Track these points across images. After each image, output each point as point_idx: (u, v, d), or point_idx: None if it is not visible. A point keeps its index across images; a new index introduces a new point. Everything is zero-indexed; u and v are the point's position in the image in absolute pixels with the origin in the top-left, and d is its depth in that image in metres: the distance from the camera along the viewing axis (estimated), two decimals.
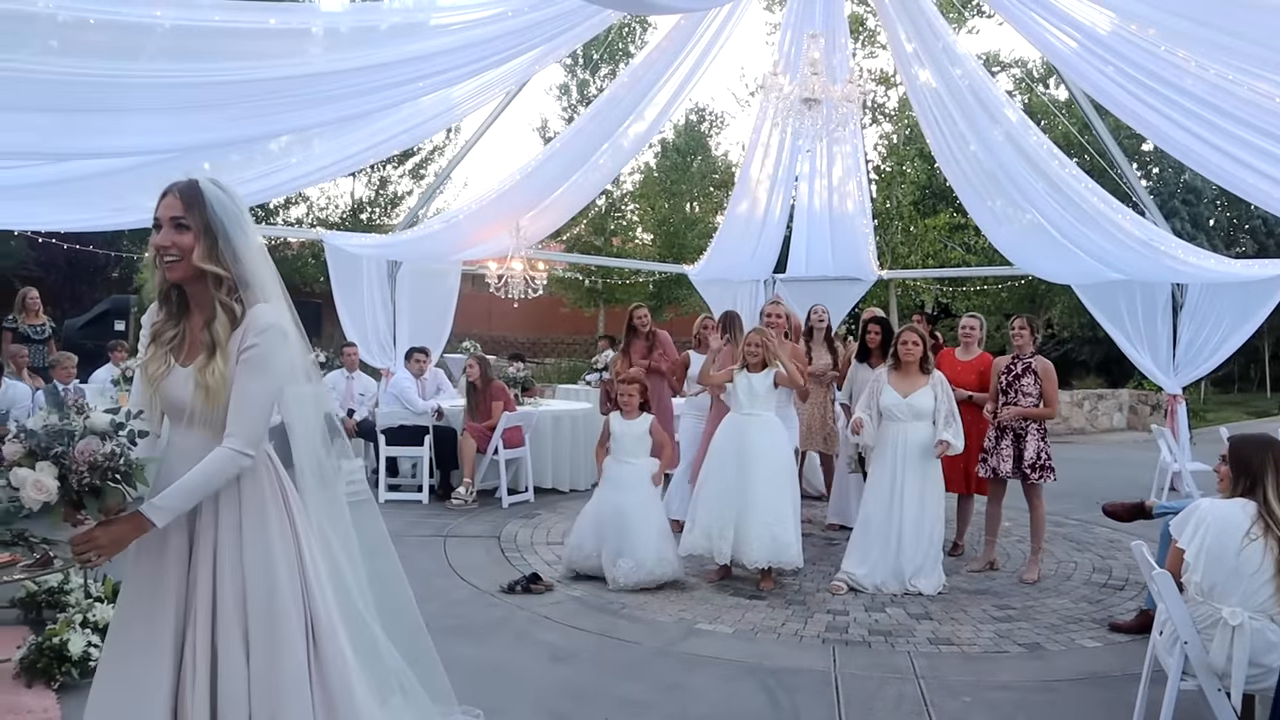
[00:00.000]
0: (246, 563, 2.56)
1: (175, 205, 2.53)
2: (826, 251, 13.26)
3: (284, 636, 2.56)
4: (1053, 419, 6.96)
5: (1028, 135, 9.42)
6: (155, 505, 2.41)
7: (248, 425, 2.51)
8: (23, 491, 2.26)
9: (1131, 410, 18.16)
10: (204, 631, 2.52)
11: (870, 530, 6.46)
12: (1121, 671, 4.83)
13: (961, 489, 7.33)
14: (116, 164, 7.25)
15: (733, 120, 32.64)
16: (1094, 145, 10.64)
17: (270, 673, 2.54)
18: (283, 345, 2.58)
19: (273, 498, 2.64)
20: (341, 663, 2.68)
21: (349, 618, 2.80)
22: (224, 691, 2.51)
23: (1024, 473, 6.71)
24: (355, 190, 24.50)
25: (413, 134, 9.68)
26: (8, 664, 4.40)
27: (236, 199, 2.61)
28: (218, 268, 2.54)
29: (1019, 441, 6.74)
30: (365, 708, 2.72)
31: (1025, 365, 6.79)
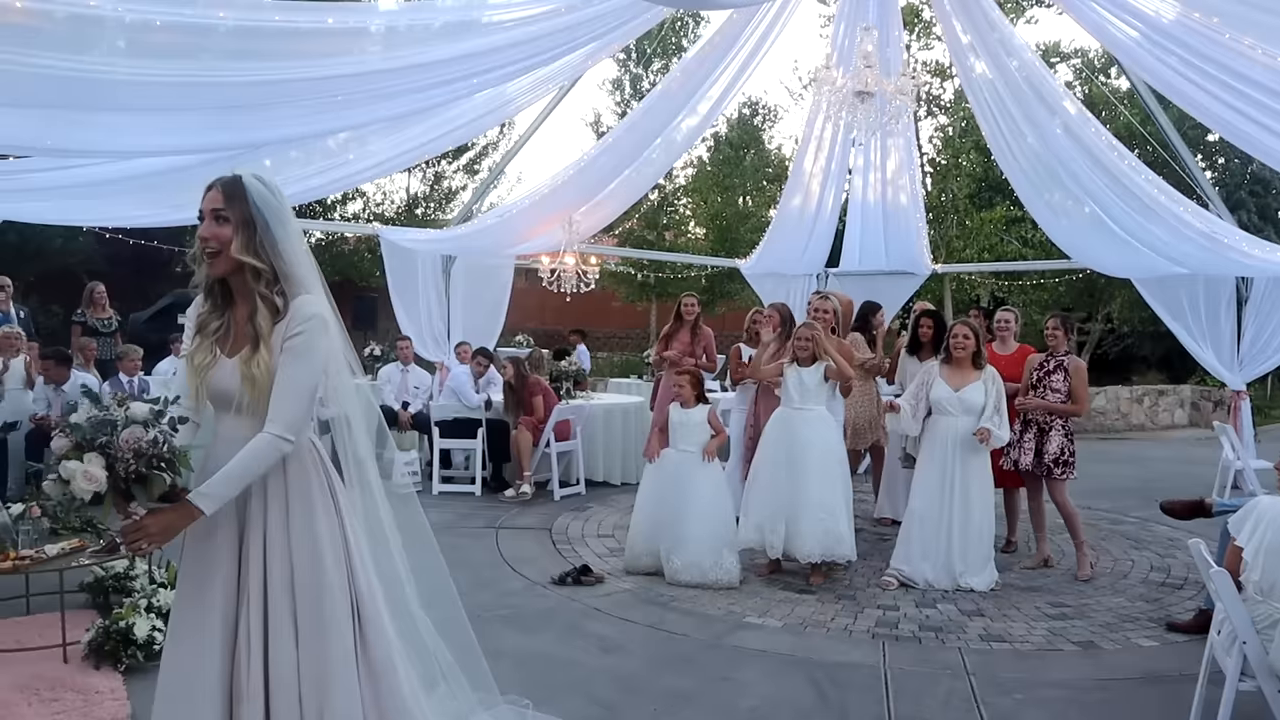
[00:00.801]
0: (294, 550, 2.63)
1: (217, 199, 2.61)
2: (880, 245, 13.14)
3: (331, 621, 2.63)
4: (1079, 416, 6.86)
5: (1086, 127, 9.25)
6: (202, 493, 2.48)
7: (289, 411, 2.57)
8: (74, 483, 2.33)
9: (1193, 406, 17.78)
10: (256, 615, 2.59)
11: (920, 526, 6.42)
12: (1178, 672, 4.75)
13: (1011, 483, 7.25)
14: (180, 161, 7.42)
15: (786, 113, 32.44)
16: (1156, 136, 10.41)
17: (318, 656, 2.62)
18: (324, 334, 2.63)
19: (319, 487, 2.70)
20: (386, 647, 2.75)
21: (394, 605, 2.86)
22: (274, 673, 2.58)
23: (1047, 467, 6.63)
24: (410, 185, 24.76)
25: (467, 130, 9.78)
26: (77, 646, 4.55)
27: (278, 194, 2.67)
28: (255, 260, 2.60)
29: (1042, 436, 6.69)
30: (409, 691, 2.78)
31: (1058, 363, 6.75)
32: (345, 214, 23.33)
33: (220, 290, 2.69)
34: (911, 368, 7.44)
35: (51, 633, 4.65)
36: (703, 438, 6.50)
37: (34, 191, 7.82)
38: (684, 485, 6.42)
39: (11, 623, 5.05)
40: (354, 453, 2.86)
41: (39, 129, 5.97)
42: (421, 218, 23.48)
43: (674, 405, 6.66)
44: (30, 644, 4.69)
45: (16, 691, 4.14)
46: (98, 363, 9.24)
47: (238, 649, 2.60)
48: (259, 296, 2.61)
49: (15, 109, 5.69)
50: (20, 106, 5.65)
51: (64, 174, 7.40)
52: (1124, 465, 12.01)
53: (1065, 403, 6.69)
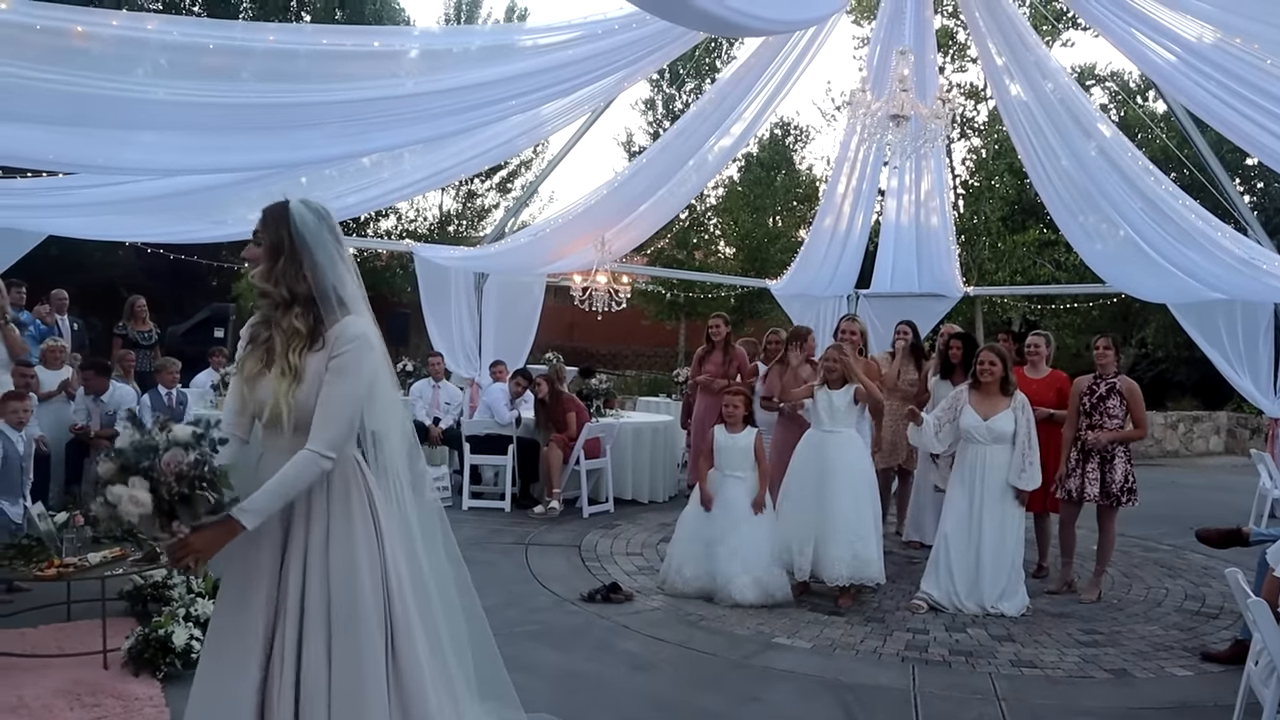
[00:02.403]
0: (332, 569, 2.67)
1: (257, 223, 2.75)
2: (912, 267, 13.13)
3: (365, 640, 2.67)
4: (1143, 439, 6.79)
5: (1122, 150, 9.23)
6: (244, 509, 2.53)
7: (331, 429, 2.63)
8: (120, 507, 2.39)
9: (1229, 434, 17.57)
10: (292, 631, 2.64)
11: (949, 551, 6.39)
12: (1214, 703, 4.70)
13: (1039, 508, 7.21)
14: (219, 179, 7.57)
15: (817, 134, 32.44)
16: (1193, 160, 10.36)
17: (351, 676, 2.65)
18: (368, 354, 2.69)
19: (359, 505, 2.75)
20: (417, 668, 2.78)
21: (427, 622, 2.90)
22: (305, 690, 2.62)
23: (1114, 495, 6.58)
24: (443, 203, 25.01)
25: (501, 150, 9.90)
26: (117, 653, 4.63)
27: (326, 218, 2.75)
28: (272, 286, 2.69)
29: (1106, 465, 6.62)
30: (437, 710, 2.81)
31: (1110, 386, 6.68)
32: (379, 230, 23.58)
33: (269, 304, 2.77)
34: (942, 390, 7.42)
35: (92, 639, 4.73)
36: (748, 462, 6.49)
37: (76, 207, 7.99)
38: (733, 508, 6.41)
39: (54, 629, 5.14)
40: (400, 465, 2.90)
41: (89, 148, 6.12)
42: (454, 235, 23.69)
43: (720, 428, 6.65)
44: (72, 650, 4.77)
45: (59, 697, 4.21)
46: (137, 374, 9.39)
47: (271, 664, 2.65)
48: (275, 321, 2.70)
49: (65, 127, 5.84)
50: (70, 125, 5.80)
51: (106, 190, 7.56)
52: (1158, 492, 11.86)
53: (1124, 427, 6.65)
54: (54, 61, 4.87)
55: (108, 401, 8.38)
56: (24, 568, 4.86)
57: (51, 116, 5.51)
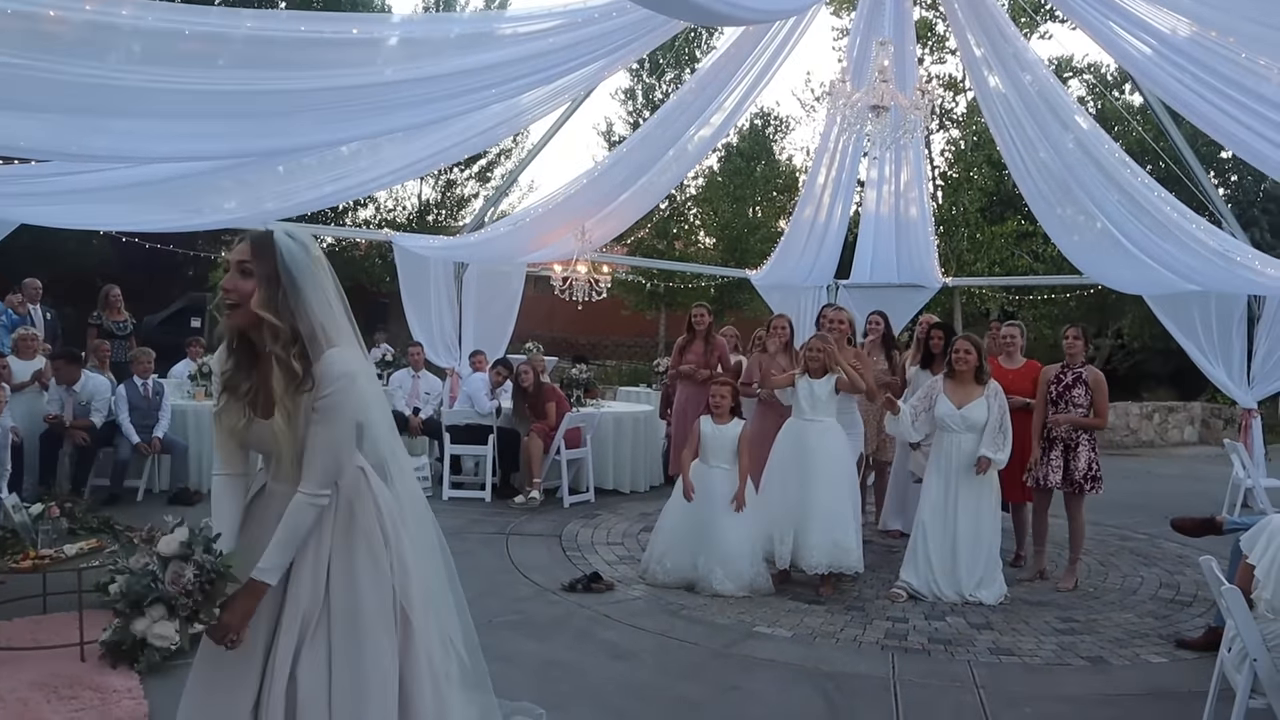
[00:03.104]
0: (332, 579, 2.66)
1: (245, 251, 2.59)
2: (891, 258, 13.18)
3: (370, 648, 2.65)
4: (1103, 429, 6.86)
5: (1099, 142, 9.28)
6: (263, 569, 2.52)
7: (319, 471, 2.60)
8: (157, 644, 2.36)
9: (1204, 424, 17.73)
10: (288, 642, 2.61)
11: (926, 539, 6.44)
12: (1188, 688, 4.75)
13: (1018, 498, 7.26)
14: (192, 168, 7.48)
15: (797, 124, 32.45)
16: (1169, 152, 10.42)
17: (353, 681, 2.63)
18: (352, 390, 2.63)
19: (362, 515, 2.72)
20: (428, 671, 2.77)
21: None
22: (302, 696, 2.59)
23: (1076, 483, 6.65)
24: (423, 192, 24.85)
25: (480, 139, 9.83)
26: (94, 645, 4.59)
27: (311, 251, 2.65)
28: (274, 318, 2.56)
29: (1069, 452, 6.69)
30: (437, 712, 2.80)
31: (1076, 375, 6.75)
32: (357, 220, 23.43)
33: (241, 346, 2.67)
34: (922, 380, 7.46)
35: (69, 632, 4.69)
36: (734, 454, 6.50)
37: (50, 195, 7.89)
38: (717, 499, 6.42)
39: (30, 621, 5.10)
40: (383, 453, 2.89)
41: (61, 134, 6.02)
42: (433, 224, 23.55)
43: (706, 418, 6.65)
44: (48, 643, 4.73)
45: (35, 689, 4.18)
46: (112, 364, 9.32)
47: (264, 677, 2.62)
48: (275, 358, 2.59)
49: (37, 114, 5.76)
50: (42, 112, 5.72)
51: (79, 178, 7.46)
52: (1133, 482, 11.98)
53: (1088, 416, 6.71)
54: (25, 46, 4.79)
55: (80, 391, 8.32)
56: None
57: (22, 103, 5.42)
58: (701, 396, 7.90)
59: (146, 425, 8.53)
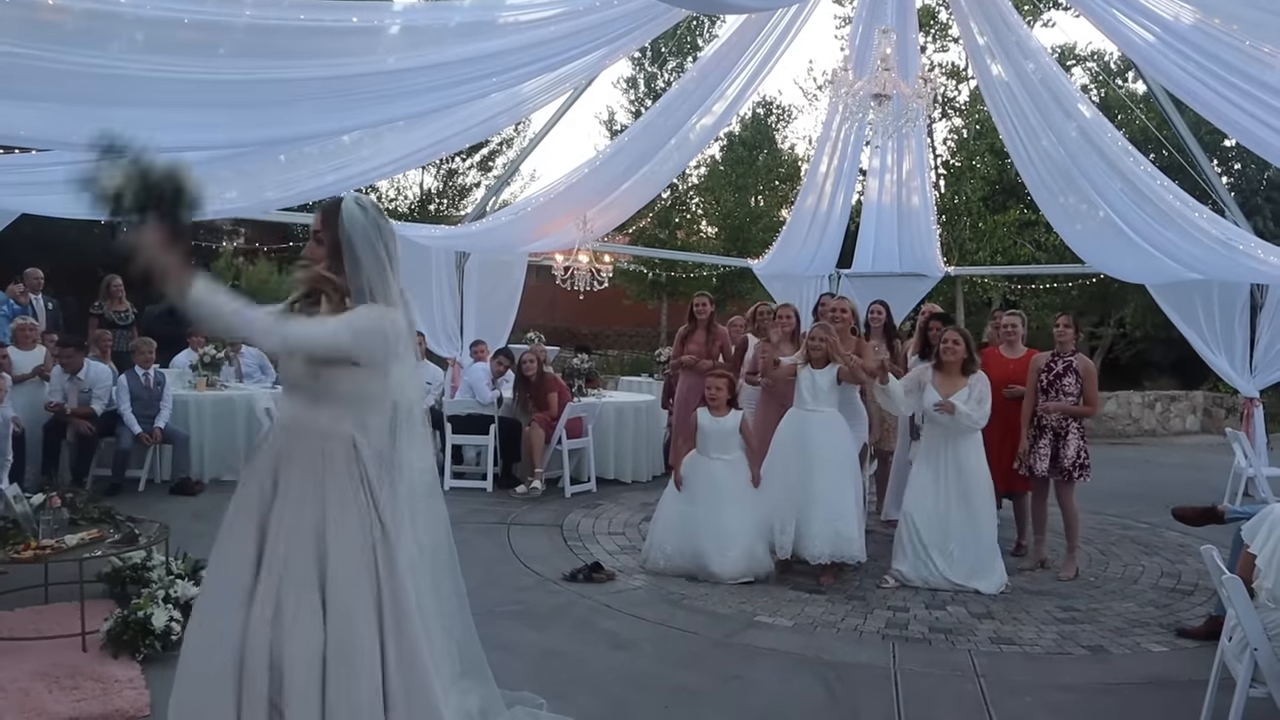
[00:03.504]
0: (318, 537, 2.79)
1: (316, 220, 2.99)
2: (893, 247, 13.17)
3: (353, 609, 2.74)
4: (1092, 417, 6.86)
5: (1102, 131, 9.26)
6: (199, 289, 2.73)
7: (296, 330, 2.84)
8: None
9: (1206, 413, 17.72)
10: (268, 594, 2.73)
11: (916, 530, 6.41)
12: (1188, 677, 4.74)
13: (1021, 487, 7.27)
14: (195, 157, 7.46)
15: (799, 113, 32.41)
16: (1172, 141, 10.40)
17: (338, 640, 2.72)
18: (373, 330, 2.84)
19: (350, 479, 2.84)
20: (415, 642, 2.81)
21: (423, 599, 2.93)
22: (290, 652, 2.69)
23: (1065, 470, 6.65)
24: (424, 181, 24.84)
25: (481, 129, 9.82)
26: (95, 635, 4.60)
27: (371, 217, 2.93)
28: (333, 277, 2.92)
29: (1059, 440, 6.70)
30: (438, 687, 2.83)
31: (1066, 364, 6.75)
32: None
33: (309, 293, 2.99)
34: None
35: (70, 622, 4.70)
36: (734, 444, 6.51)
37: (51, 185, 7.87)
38: (718, 489, 6.44)
39: (31, 611, 5.10)
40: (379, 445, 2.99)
41: (62, 124, 6.02)
42: (435, 213, 23.55)
43: (703, 410, 6.65)
44: (50, 633, 4.73)
45: (37, 679, 4.18)
46: (114, 354, 9.30)
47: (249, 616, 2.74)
48: (332, 305, 2.92)
49: (38, 103, 5.75)
50: (43, 101, 5.71)
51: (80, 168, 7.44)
52: (1135, 470, 11.99)
53: (1078, 404, 6.71)
54: (26, 36, 4.79)
55: (85, 379, 8.33)
56: (0, 550, 4.82)
57: (23, 92, 5.42)
58: (703, 386, 7.91)
59: (148, 415, 8.53)
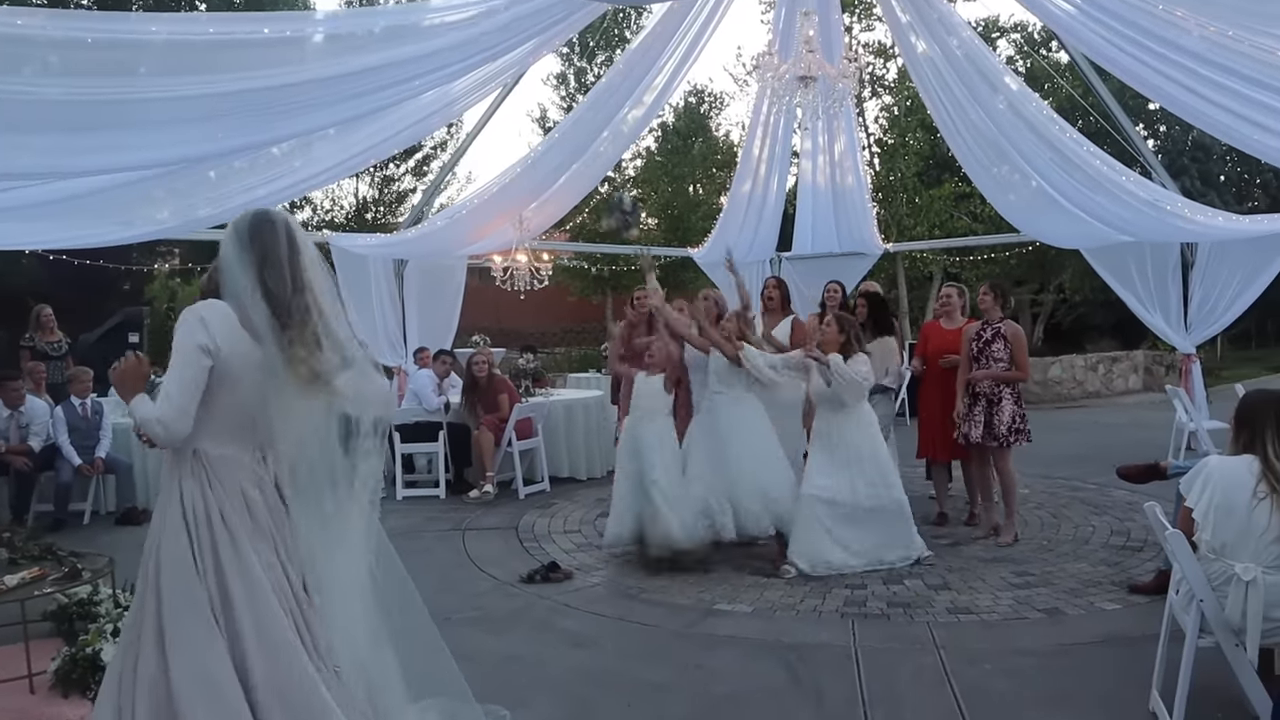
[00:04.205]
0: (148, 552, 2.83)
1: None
2: (831, 228, 13.26)
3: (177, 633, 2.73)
4: (1024, 381, 6.96)
5: (1028, 102, 9.39)
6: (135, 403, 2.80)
7: (140, 415, 2.79)
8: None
9: (1147, 371, 18.08)
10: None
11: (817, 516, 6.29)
12: (1141, 632, 4.83)
13: (945, 456, 7.37)
14: (121, 179, 7.30)
15: (732, 100, 32.53)
16: (1097, 108, 10.57)
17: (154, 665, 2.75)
18: (184, 328, 2.78)
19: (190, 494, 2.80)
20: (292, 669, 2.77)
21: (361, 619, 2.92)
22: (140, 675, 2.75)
23: (1000, 437, 6.74)
24: (359, 190, 24.58)
25: (413, 131, 9.71)
26: (44, 676, 4.47)
27: (238, 228, 2.88)
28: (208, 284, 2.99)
29: (992, 407, 6.78)
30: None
31: (995, 331, 6.84)
32: None
33: None
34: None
35: (16, 664, 4.55)
36: (663, 405, 6.60)
37: None
38: (649, 452, 6.50)
39: None
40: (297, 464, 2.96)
41: None
42: (372, 222, 23.30)
43: (640, 373, 6.79)
44: None
45: None
46: (49, 387, 9.06)
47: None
48: None
49: None
50: None
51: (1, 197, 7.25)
52: (1081, 433, 12.20)
53: (1009, 370, 6.79)
54: None
55: (26, 413, 8.14)
56: None
57: None
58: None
59: (88, 446, 8.33)
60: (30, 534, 5.72)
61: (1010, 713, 4.14)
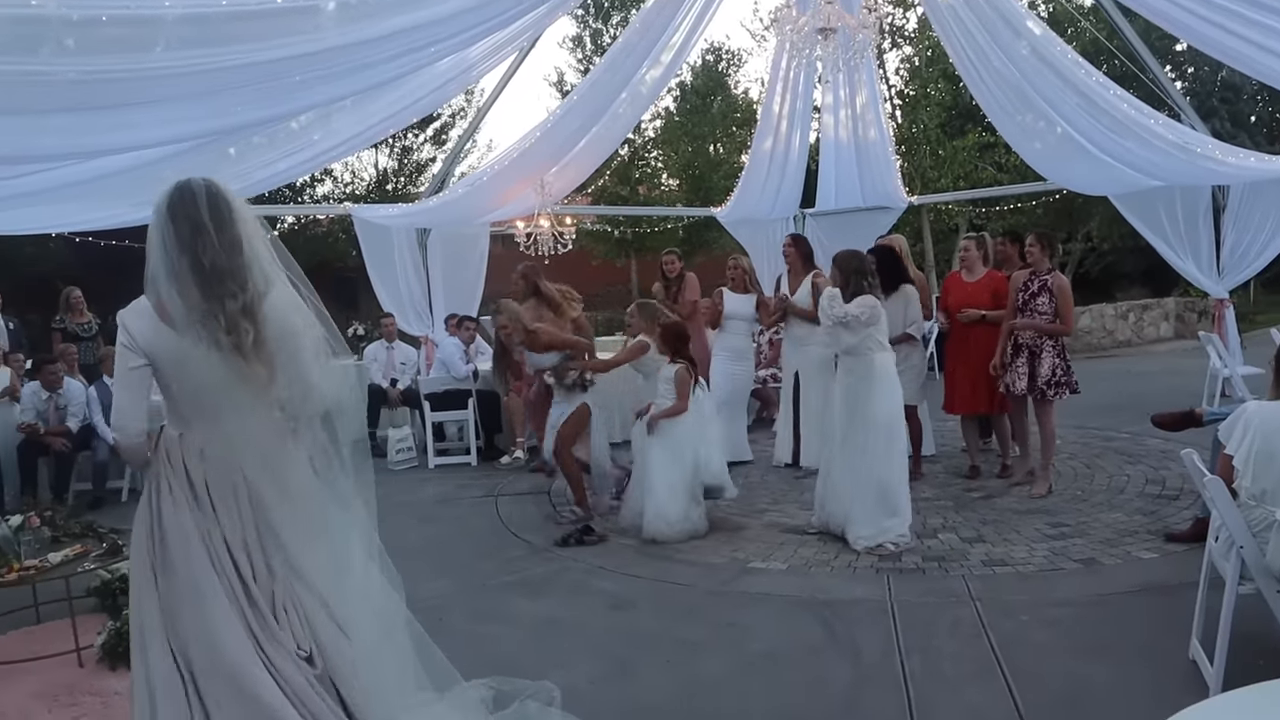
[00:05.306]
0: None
1: None
2: (854, 182, 13.11)
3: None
4: (1067, 335, 6.87)
5: (1052, 46, 9.20)
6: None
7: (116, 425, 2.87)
8: None
9: (1178, 319, 17.87)
10: None
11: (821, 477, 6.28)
12: (1179, 580, 4.80)
13: (989, 408, 7.32)
14: (140, 158, 7.31)
15: (750, 57, 32.12)
16: (1123, 50, 10.36)
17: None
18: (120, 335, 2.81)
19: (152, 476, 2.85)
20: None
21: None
22: None
23: (1040, 388, 6.68)
24: (379, 161, 24.54)
25: (431, 99, 9.65)
26: (90, 650, 4.57)
27: (158, 204, 2.84)
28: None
29: (1034, 358, 6.72)
30: None
31: (1041, 283, 6.76)
32: (315, 196, 23.10)
33: None
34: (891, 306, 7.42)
35: (64, 640, 4.66)
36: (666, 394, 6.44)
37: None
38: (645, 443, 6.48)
39: (24, 633, 5.07)
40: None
41: None
42: (393, 193, 23.27)
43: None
44: (44, 652, 4.70)
45: (36, 700, 4.16)
46: (81, 367, 9.16)
47: None
48: None
49: None
50: None
51: (19, 182, 7.28)
52: (1113, 382, 12.08)
53: (1053, 323, 6.72)
54: None
55: (65, 394, 8.25)
56: None
57: None
58: (699, 335, 8.26)
59: None
60: (71, 512, 5.83)
61: (1049, 663, 4.13)
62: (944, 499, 6.90)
